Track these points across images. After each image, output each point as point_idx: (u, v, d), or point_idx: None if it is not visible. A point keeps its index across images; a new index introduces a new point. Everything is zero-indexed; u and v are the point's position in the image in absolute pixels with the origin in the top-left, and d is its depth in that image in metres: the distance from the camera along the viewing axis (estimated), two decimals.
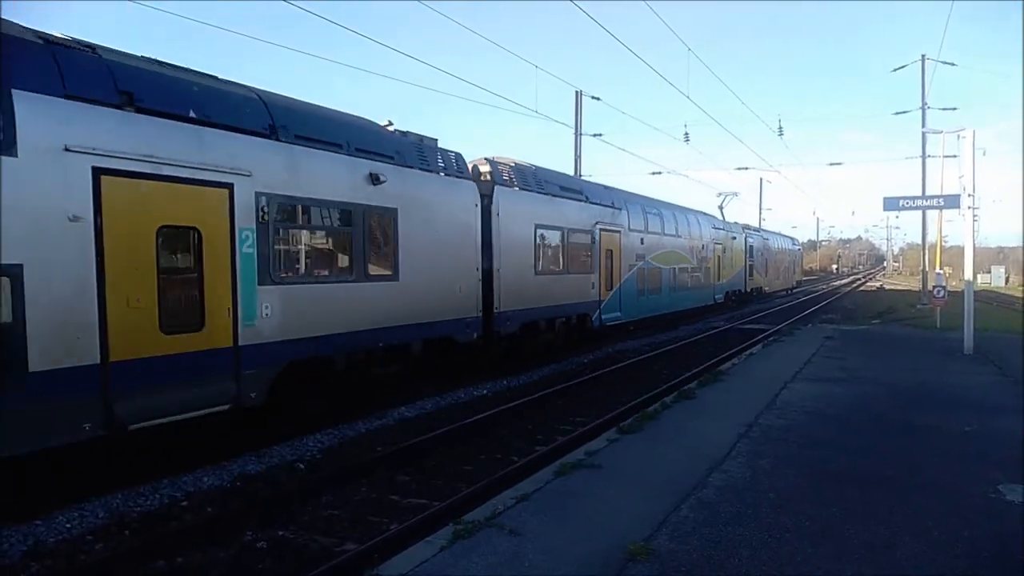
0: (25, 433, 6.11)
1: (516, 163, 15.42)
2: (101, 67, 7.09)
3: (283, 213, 8.83)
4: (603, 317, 18.37)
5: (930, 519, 5.35)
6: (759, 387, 10.85)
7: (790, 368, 12.77)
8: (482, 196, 13.15)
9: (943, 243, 32.23)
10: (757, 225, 47.50)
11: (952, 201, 16.43)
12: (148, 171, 7.10)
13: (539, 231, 15.23)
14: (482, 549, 4.81)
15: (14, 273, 6.01)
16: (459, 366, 12.93)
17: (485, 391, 12.55)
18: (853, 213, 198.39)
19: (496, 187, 13.80)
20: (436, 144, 12.36)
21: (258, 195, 8.26)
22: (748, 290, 36.92)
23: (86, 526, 6.30)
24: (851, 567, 4.54)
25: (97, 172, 6.64)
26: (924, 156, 29.99)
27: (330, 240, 9.89)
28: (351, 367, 10.01)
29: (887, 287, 61.15)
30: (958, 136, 17.03)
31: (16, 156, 6.04)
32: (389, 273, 10.59)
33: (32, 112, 6.20)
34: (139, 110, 7.19)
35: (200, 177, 7.60)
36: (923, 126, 29.55)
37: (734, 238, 33.66)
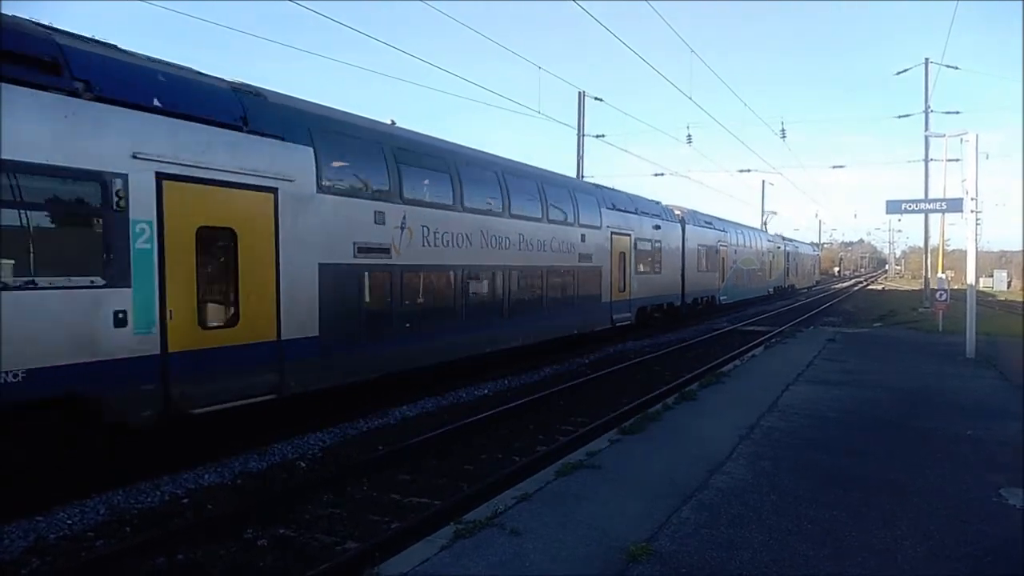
0: (604, 321, 18.21)
1: (690, 209, 26.98)
2: (606, 195, 19.22)
3: (638, 245, 20.29)
4: (720, 298, 30.08)
5: (932, 522, 5.35)
6: (761, 389, 10.84)
7: (792, 370, 12.76)
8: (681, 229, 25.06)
9: (945, 246, 32.18)
10: (760, 228, 49.56)
11: (955, 205, 16.41)
12: (617, 231, 18.77)
13: (698, 247, 26.72)
14: (483, 549, 4.80)
15: (604, 268, 17.97)
16: (671, 319, 24.12)
17: (486, 391, 12.55)
18: (855, 216, 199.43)
19: (685, 224, 25.19)
20: (660, 203, 24.11)
21: (635, 239, 19.98)
22: (786, 286, 48.67)
23: (87, 523, 6.31)
24: (853, 570, 4.53)
25: (612, 233, 18.41)
26: (927, 159, 29.95)
27: (645, 255, 21.01)
28: (650, 313, 21.60)
29: (889, 290, 61.07)
30: (961, 140, 17.04)
31: (600, 230, 17.91)
32: (658, 271, 22.20)
33: (605, 216, 18.23)
34: (614, 208, 18.91)
35: (624, 233, 19.24)
36: (926, 130, 29.51)
37: (778, 247, 45.86)
